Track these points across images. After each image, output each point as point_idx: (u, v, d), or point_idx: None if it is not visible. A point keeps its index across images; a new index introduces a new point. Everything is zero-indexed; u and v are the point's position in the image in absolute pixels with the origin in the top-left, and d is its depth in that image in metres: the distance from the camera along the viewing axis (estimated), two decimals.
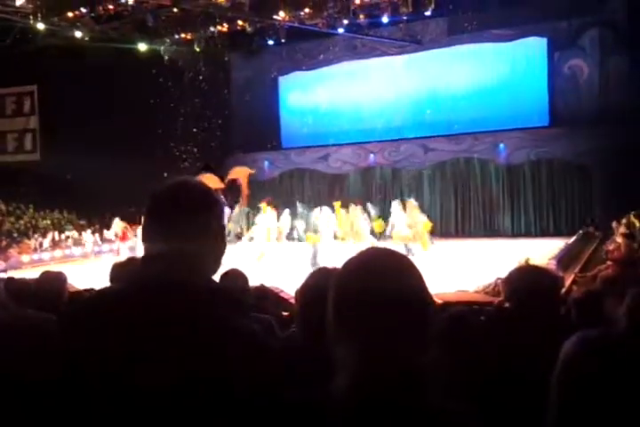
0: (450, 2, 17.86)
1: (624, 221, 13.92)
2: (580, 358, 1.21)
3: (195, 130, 22.55)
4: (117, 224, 14.96)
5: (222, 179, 17.99)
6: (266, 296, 5.60)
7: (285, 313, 4.73)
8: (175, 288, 1.26)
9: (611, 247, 9.97)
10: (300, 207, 15.82)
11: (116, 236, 14.77)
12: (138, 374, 1.17)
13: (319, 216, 14.82)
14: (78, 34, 18.94)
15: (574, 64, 19.16)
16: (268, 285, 6.81)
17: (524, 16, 18.34)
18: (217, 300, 1.29)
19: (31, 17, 17.57)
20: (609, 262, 8.15)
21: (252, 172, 20.95)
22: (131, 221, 20.97)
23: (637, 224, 14.08)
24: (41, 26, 18.07)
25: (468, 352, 2.26)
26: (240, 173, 20.25)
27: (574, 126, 18.10)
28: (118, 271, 3.29)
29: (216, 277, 1.43)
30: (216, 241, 1.38)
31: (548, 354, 1.30)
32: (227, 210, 16.40)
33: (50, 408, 1.22)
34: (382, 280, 1.11)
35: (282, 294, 6.94)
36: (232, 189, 18.12)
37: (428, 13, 18.13)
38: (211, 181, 17.01)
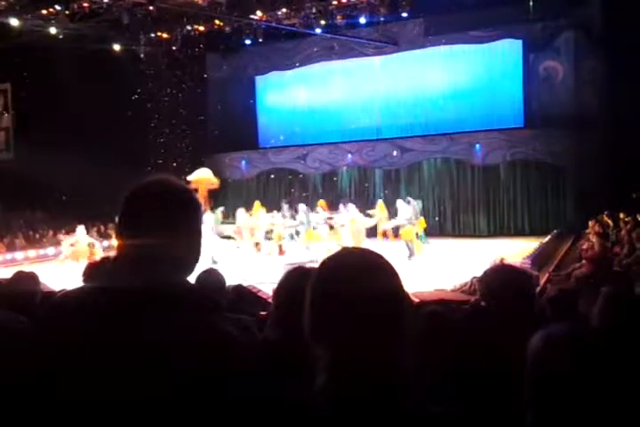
0: (426, 3, 17.97)
1: (596, 220, 14.13)
2: (547, 354, 1.21)
3: (170, 129, 22.37)
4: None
5: (187, 182, 17.83)
6: (243, 296, 5.57)
7: (264, 313, 4.70)
8: (148, 289, 1.24)
9: (585, 246, 10.10)
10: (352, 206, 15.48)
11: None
12: (111, 376, 1.16)
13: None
14: (53, 31, 18.71)
15: (549, 66, 19.35)
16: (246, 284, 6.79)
17: (500, 18, 18.47)
18: (191, 300, 1.28)
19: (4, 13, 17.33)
20: (583, 261, 8.26)
21: (215, 184, 20.76)
22: (105, 220, 20.81)
23: (610, 224, 14.31)
24: (15, 23, 17.81)
25: (445, 351, 2.27)
26: (202, 183, 20.05)
27: (549, 127, 18.29)
28: (92, 271, 3.25)
29: (193, 277, 1.41)
30: (192, 241, 1.36)
31: (524, 353, 1.31)
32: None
33: (19, 411, 1.19)
34: (358, 280, 1.10)
35: (260, 294, 6.91)
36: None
37: (404, 15, 18.26)
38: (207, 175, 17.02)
